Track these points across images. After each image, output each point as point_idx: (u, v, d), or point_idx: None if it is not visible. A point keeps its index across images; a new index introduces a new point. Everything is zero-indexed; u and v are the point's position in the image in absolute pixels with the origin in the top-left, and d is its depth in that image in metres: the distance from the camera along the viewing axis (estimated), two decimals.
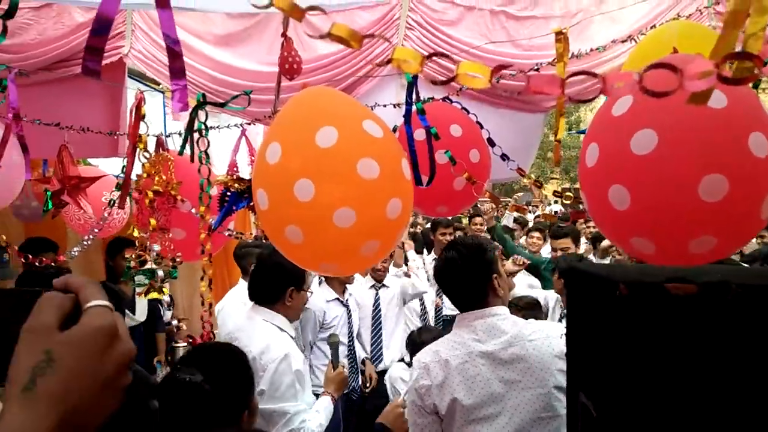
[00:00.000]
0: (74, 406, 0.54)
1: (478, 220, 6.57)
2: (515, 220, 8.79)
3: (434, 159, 2.04)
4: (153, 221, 2.27)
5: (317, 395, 2.49)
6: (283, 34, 2.55)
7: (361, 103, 1.86)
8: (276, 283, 2.50)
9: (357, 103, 1.81)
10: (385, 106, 2.67)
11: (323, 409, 2.36)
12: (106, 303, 0.60)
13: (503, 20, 2.68)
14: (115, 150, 3.55)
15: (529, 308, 3.55)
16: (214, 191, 2.86)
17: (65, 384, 0.54)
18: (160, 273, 2.28)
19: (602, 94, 0.78)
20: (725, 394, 1.38)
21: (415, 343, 3.47)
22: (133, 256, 2.73)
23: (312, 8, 1.07)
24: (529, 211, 8.76)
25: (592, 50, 2.37)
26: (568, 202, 1.79)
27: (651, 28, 2.40)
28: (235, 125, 2.97)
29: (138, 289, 2.80)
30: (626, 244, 1.46)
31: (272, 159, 1.57)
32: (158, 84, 3.52)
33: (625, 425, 1.40)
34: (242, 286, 3.79)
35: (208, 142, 2.15)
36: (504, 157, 2.49)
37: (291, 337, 2.50)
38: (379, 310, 4.24)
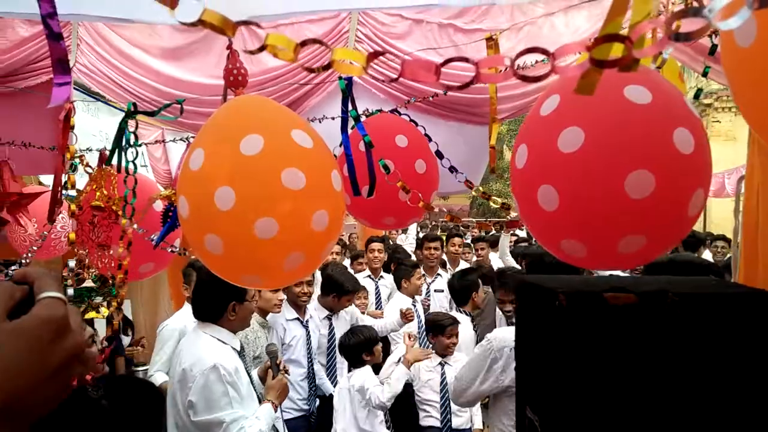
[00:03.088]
0: (15, 393, 0.55)
1: (456, 240, 6.48)
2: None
3: (374, 169, 1.99)
4: (72, 235, 2.16)
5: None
6: (229, 47, 2.51)
7: (294, 113, 1.80)
8: (217, 300, 2.48)
9: (288, 112, 1.76)
10: (333, 118, 2.63)
11: (263, 416, 2.33)
12: (59, 294, 0.60)
13: (451, 33, 2.68)
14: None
15: None
16: (159, 206, 2.78)
17: (9, 371, 0.54)
18: (70, 292, 2.18)
19: (476, 81, 0.74)
20: (665, 399, 1.35)
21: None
22: (70, 274, 2.62)
23: (245, 23, 1.02)
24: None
25: (537, 62, 2.36)
26: (496, 206, 1.75)
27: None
28: (181, 139, 2.90)
29: None
30: (557, 248, 1.42)
31: (194, 165, 1.50)
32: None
33: None
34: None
35: (136, 154, 2.07)
36: (452, 169, 2.46)
37: (234, 348, 2.48)
38: (334, 338, 4.18)
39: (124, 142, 2.06)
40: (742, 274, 1.71)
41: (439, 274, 5.45)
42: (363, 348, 3.56)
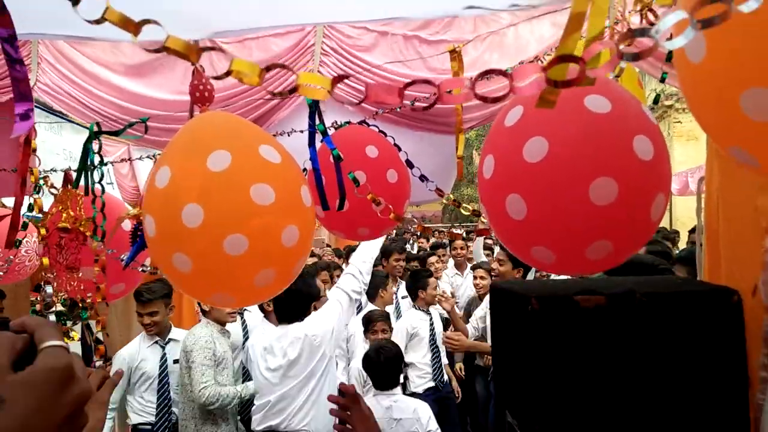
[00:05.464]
0: None
1: (458, 243, 6.80)
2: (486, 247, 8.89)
3: (342, 182, 2.00)
4: (45, 260, 2.11)
5: None
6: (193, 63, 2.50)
7: (261, 129, 1.80)
8: (303, 303, 2.98)
9: (255, 128, 1.76)
10: (302, 131, 2.62)
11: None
12: (62, 343, 0.60)
13: (416, 44, 2.72)
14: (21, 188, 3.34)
15: None
16: (128, 225, 2.73)
17: (18, 424, 0.54)
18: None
19: (438, 103, 0.76)
20: (638, 395, 1.38)
21: None
22: (38, 299, 2.56)
23: (208, 49, 1.01)
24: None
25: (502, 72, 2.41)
26: (467, 213, 1.78)
27: (554, 49, 2.47)
28: (148, 157, 2.86)
29: None
30: (527, 255, 1.45)
31: (161, 183, 1.49)
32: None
33: None
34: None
35: (102, 174, 2.03)
36: (423, 178, 2.48)
37: None
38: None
39: (89, 163, 2.02)
40: (707, 271, 1.77)
41: (400, 282, 5.71)
42: None
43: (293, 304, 3.02)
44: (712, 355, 1.41)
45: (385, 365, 3.05)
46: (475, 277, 5.15)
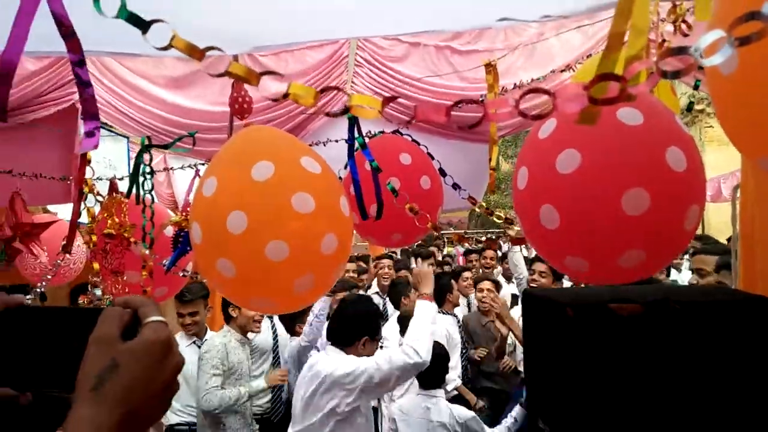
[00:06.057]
0: (135, 407, 0.61)
1: (488, 253, 6.55)
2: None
3: (381, 193, 2.06)
4: (95, 264, 2.22)
5: None
6: (225, 73, 2.60)
7: (303, 142, 1.87)
8: (353, 331, 2.62)
9: (297, 141, 1.84)
10: (337, 141, 2.70)
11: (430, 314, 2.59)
12: (163, 319, 0.67)
13: (448, 55, 2.77)
14: (68, 196, 3.50)
15: None
16: (170, 231, 2.84)
17: (128, 387, 0.61)
18: None
19: (484, 119, 0.81)
20: (673, 405, 1.40)
21: None
22: (86, 301, 2.68)
23: (268, 73, 1.10)
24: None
25: (533, 80, 2.45)
26: (500, 221, 1.82)
27: (587, 57, 2.50)
28: (189, 166, 2.97)
29: None
30: (561, 264, 1.48)
31: (207, 192, 1.57)
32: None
33: None
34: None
35: (152, 185, 2.14)
36: (455, 186, 2.53)
37: None
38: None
39: (139, 173, 2.13)
40: (741, 280, 1.77)
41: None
42: None
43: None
44: (747, 364, 1.41)
45: (432, 364, 3.05)
46: (480, 290, 4.68)
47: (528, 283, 4.46)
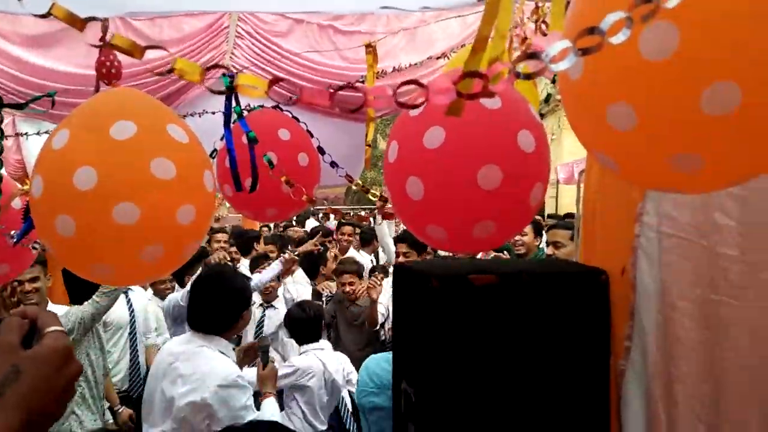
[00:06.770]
0: (36, 411, 0.66)
1: (346, 229, 6.66)
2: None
3: (256, 164, 2.05)
4: None
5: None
6: (102, 39, 2.43)
7: (173, 111, 1.77)
8: (232, 310, 2.46)
9: (166, 108, 1.72)
10: (213, 113, 2.64)
11: (274, 411, 2.38)
12: (62, 328, 0.73)
13: (331, 34, 2.80)
14: None
15: None
16: (18, 205, 2.60)
17: (30, 392, 0.66)
18: None
19: (364, 107, 0.85)
20: (523, 367, 1.55)
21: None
22: None
23: (152, 47, 1.09)
24: None
25: (411, 65, 2.56)
26: (374, 199, 1.91)
27: (461, 46, 2.66)
28: (46, 132, 2.75)
29: None
30: (423, 233, 1.59)
31: (57, 145, 1.43)
32: None
33: (440, 406, 1.52)
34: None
35: (2, 148, 1.95)
36: (333, 164, 2.57)
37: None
38: (262, 331, 4.18)
39: None
40: (582, 254, 1.98)
41: None
42: None
43: None
44: (581, 328, 1.60)
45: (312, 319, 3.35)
46: (343, 284, 4.43)
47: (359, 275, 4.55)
